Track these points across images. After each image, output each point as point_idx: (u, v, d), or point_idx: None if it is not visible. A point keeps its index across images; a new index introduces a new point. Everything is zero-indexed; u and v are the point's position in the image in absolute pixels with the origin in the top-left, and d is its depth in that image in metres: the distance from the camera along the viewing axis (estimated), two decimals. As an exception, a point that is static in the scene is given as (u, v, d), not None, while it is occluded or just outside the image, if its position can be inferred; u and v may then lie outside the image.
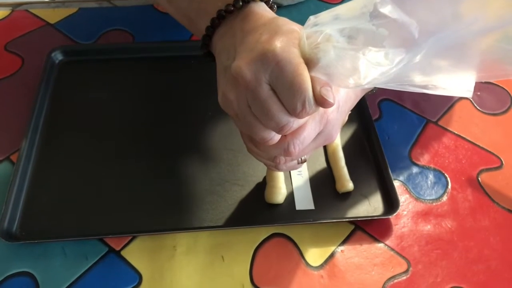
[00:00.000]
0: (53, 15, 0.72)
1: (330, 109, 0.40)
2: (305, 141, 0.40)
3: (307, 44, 0.36)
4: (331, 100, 0.35)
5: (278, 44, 0.36)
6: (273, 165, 0.45)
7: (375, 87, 0.49)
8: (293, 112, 0.36)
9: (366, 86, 0.35)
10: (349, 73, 0.35)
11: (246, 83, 0.37)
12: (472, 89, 0.36)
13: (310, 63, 0.36)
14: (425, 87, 0.36)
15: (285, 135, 0.40)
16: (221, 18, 0.43)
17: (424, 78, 0.36)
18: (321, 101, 0.35)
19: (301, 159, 0.46)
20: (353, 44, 0.35)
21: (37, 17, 0.72)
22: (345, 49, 0.34)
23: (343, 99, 0.42)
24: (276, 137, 0.39)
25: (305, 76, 0.35)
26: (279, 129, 0.37)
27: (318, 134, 0.41)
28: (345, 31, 0.35)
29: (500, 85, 0.65)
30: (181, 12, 0.51)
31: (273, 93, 0.36)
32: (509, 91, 0.64)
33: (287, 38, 0.36)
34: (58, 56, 0.65)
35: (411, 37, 0.34)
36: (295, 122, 0.37)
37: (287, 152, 0.40)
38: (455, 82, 0.36)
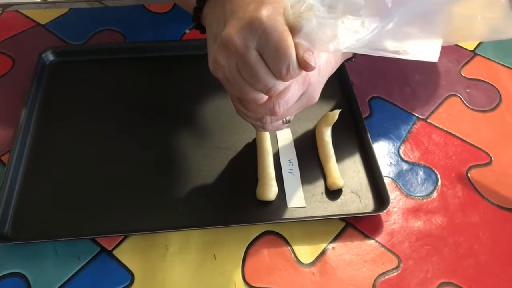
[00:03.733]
0: (44, 16, 0.72)
1: (311, 72, 0.43)
2: (289, 101, 0.44)
3: (291, 13, 0.39)
4: (313, 64, 0.39)
5: (265, 12, 0.38)
6: (260, 125, 0.49)
7: (353, 56, 0.53)
8: (279, 75, 0.39)
9: (344, 51, 0.39)
10: (329, 39, 0.38)
11: (236, 49, 0.39)
12: (438, 54, 0.39)
13: (293, 30, 0.39)
14: (396, 52, 0.39)
15: (270, 96, 0.43)
16: None
17: (395, 44, 0.39)
18: (304, 65, 0.39)
19: (286, 119, 0.50)
20: (333, 13, 0.38)
21: (28, 17, 0.72)
22: (326, 18, 0.38)
23: (323, 64, 0.46)
24: (265, 97, 0.43)
25: (289, 42, 0.38)
26: (266, 90, 0.41)
27: (301, 95, 0.45)
28: (326, 1, 0.38)
29: (489, 82, 0.65)
30: None
31: (260, 58, 0.39)
32: (498, 88, 0.64)
33: (273, 7, 0.39)
34: (49, 57, 0.65)
35: (385, 7, 0.38)
36: (281, 85, 0.41)
37: (272, 112, 0.44)
38: (423, 48, 0.40)
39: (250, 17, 0.39)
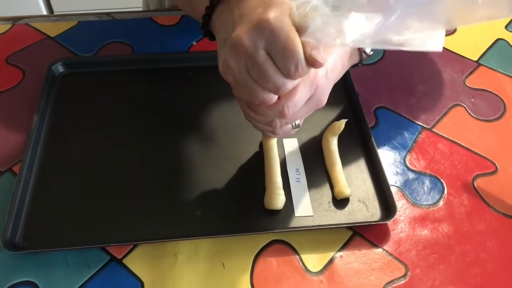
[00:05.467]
0: (53, 28, 0.73)
1: (319, 75, 0.45)
2: (297, 103, 0.45)
3: (296, 14, 0.40)
4: (320, 61, 0.40)
5: (272, 14, 0.40)
6: (269, 130, 0.50)
7: (359, 62, 0.55)
8: (288, 74, 0.40)
9: (351, 45, 0.40)
10: (335, 35, 0.39)
11: (245, 50, 0.41)
12: (442, 44, 0.40)
13: (300, 30, 0.40)
14: (401, 44, 0.40)
15: (279, 99, 0.44)
16: None
17: (399, 37, 0.40)
18: (312, 62, 0.40)
19: (295, 123, 0.50)
20: (337, 12, 0.40)
21: (37, 30, 0.73)
22: (330, 16, 0.39)
23: (330, 68, 0.47)
24: (274, 97, 0.44)
25: (297, 41, 0.39)
26: (276, 90, 0.42)
27: (310, 98, 0.46)
28: (330, 1, 0.40)
29: (494, 91, 0.66)
30: None
31: (269, 58, 0.41)
32: (502, 97, 0.65)
33: (280, 9, 0.41)
34: (58, 69, 0.66)
35: (387, 2, 0.39)
36: (290, 83, 0.42)
37: (282, 114, 0.45)
38: (427, 38, 0.41)
39: (258, 19, 0.40)
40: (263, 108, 0.46)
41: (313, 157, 0.57)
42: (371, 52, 0.54)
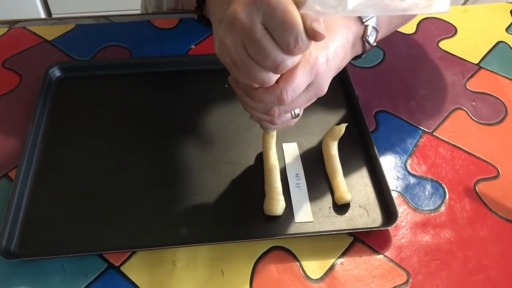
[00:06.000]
0: (50, 32, 0.72)
1: (319, 61, 0.43)
2: (296, 89, 0.43)
3: None
4: (322, 32, 0.38)
5: None
6: (268, 120, 0.48)
7: (362, 53, 0.52)
8: (287, 48, 0.38)
9: (352, 14, 0.39)
10: (335, 4, 0.37)
11: (241, 25, 0.39)
12: (449, 5, 0.39)
13: (298, 3, 0.38)
14: (405, 9, 0.38)
15: (277, 83, 0.42)
16: None
17: (403, 1, 0.38)
18: (312, 34, 0.38)
19: (294, 113, 0.48)
20: None
21: (34, 34, 0.72)
22: None
23: (332, 55, 0.45)
24: (274, 78, 0.42)
25: (295, 13, 0.38)
26: (275, 67, 0.40)
27: (310, 85, 0.44)
28: None
29: (495, 95, 0.65)
30: None
31: (267, 33, 0.39)
32: (503, 101, 0.64)
33: None
34: (55, 73, 0.65)
35: None
36: (290, 60, 0.40)
37: (280, 100, 0.43)
38: (431, 1, 0.39)
39: None
40: (261, 94, 0.44)
41: (313, 162, 0.56)
42: (375, 43, 0.52)
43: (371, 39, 0.51)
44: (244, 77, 0.43)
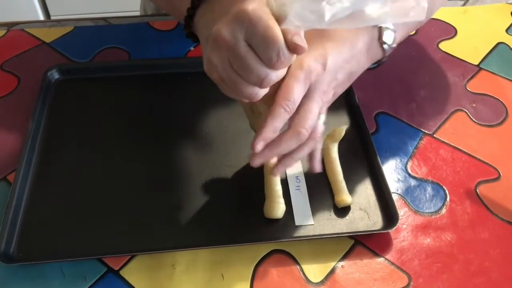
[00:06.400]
0: (49, 34, 0.72)
1: (312, 68, 0.44)
2: (295, 101, 0.44)
3: (275, 3, 0.40)
4: (302, 45, 0.39)
5: (250, 6, 0.40)
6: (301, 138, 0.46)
7: (383, 58, 0.52)
8: (270, 63, 0.40)
9: (331, 26, 0.40)
10: (314, 18, 0.39)
11: (225, 43, 0.40)
12: (425, 12, 0.40)
13: (279, 19, 0.40)
14: (382, 18, 0.40)
15: (275, 101, 0.44)
16: None
17: (380, 11, 0.40)
18: (293, 47, 0.39)
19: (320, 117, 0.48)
20: None
21: (33, 36, 0.72)
22: (308, 1, 0.39)
23: (332, 60, 0.46)
24: (261, 92, 0.43)
25: (276, 28, 0.39)
26: (260, 81, 0.41)
27: (311, 92, 0.45)
28: None
29: (495, 96, 0.65)
30: None
31: (250, 49, 0.40)
32: (504, 102, 0.64)
33: (258, 0, 0.40)
34: (54, 75, 0.65)
35: None
36: (274, 74, 0.41)
37: (284, 113, 0.44)
38: (408, 9, 0.41)
39: (237, 10, 0.40)
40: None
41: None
42: (395, 45, 0.51)
43: (389, 41, 0.51)
44: (232, 92, 0.44)
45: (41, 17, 1.76)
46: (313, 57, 0.45)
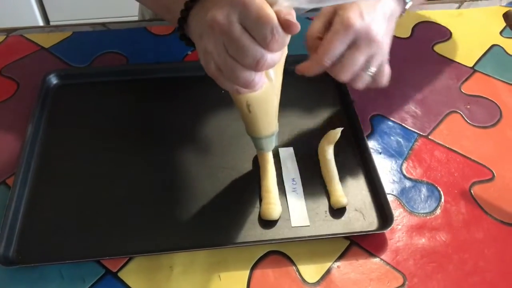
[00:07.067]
0: (48, 40, 0.73)
1: (351, 18, 0.48)
2: (334, 53, 0.49)
3: None
4: (295, 22, 0.40)
5: None
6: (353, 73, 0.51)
7: (404, 11, 0.56)
8: (264, 42, 0.40)
9: (318, 4, 0.44)
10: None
11: (220, 26, 0.41)
12: None
13: (271, 3, 0.41)
14: None
15: (316, 53, 0.49)
16: (194, 0, 0.49)
17: None
18: (287, 25, 0.40)
19: (370, 71, 0.52)
20: None
21: (32, 41, 0.73)
22: None
23: (365, 9, 0.49)
24: (257, 78, 0.43)
25: (269, 9, 0.40)
26: (256, 63, 0.41)
27: (359, 42, 0.49)
28: None
29: (489, 98, 0.66)
30: (158, 2, 0.59)
31: (245, 31, 0.41)
32: (498, 103, 0.65)
33: None
34: (53, 80, 0.66)
35: None
36: (269, 56, 0.42)
37: (320, 64, 0.49)
38: None
39: None
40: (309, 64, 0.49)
41: (309, 166, 0.57)
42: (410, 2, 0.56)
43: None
44: (229, 81, 0.44)
45: (41, 22, 1.77)
46: (351, 12, 0.48)
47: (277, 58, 0.43)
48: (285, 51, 0.46)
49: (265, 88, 0.47)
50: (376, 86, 0.54)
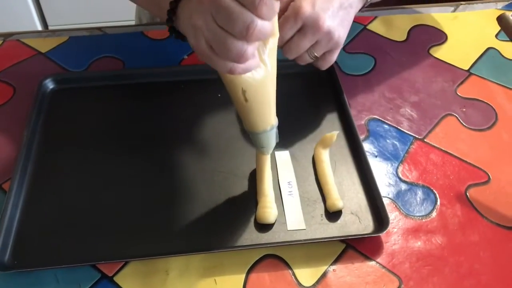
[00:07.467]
0: (44, 44, 0.73)
1: (303, 6, 0.53)
2: (284, 36, 0.55)
3: None
4: None
5: None
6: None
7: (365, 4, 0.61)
8: (253, 6, 0.40)
9: None
10: None
11: None
12: None
13: None
14: None
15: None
16: None
17: None
18: None
19: (310, 55, 0.58)
20: None
21: (28, 46, 0.73)
22: None
23: (320, 4, 0.54)
24: (250, 50, 0.43)
25: None
26: (246, 30, 0.41)
27: (304, 29, 0.55)
28: None
29: (485, 101, 0.66)
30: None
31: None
32: (493, 106, 0.65)
33: None
34: (49, 85, 0.66)
35: None
36: (259, 22, 0.41)
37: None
38: None
39: None
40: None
41: (305, 170, 0.57)
42: None
43: None
44: (221, 56, 0.43)
45: (39, 27, 1.77)
46: (304, 1, 0.53)
47: (268, 27, 0.42)
48: (276, 34, 0.46)
49: (260, 73, 0.46)
50: (317, 68, 0.61)
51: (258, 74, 0.46)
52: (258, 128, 0.51)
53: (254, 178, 0.55)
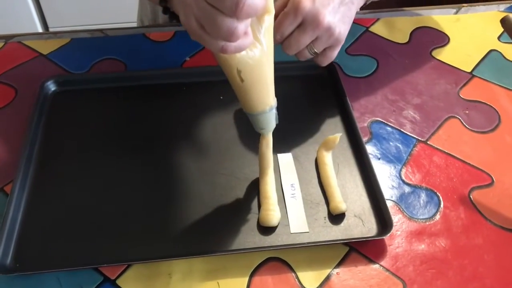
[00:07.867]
0: (46, 46, 0.73)
1: (303, 5, 0.52)
2: (284, 33, 0.54)
3: None
4: None
5: None
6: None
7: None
8: None
9: None
10: None
11: None
12: None
13: None
14: None
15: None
16: None
17: None
18: None
19: (310, 51, 0.57)
20: None
21: (30, 48, 0.73)
22: None
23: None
24: (241, 27, 0.41)
25: None
26: (235, 6, 0.39)
27: (304, 24, 0.54)
28: None
29: (488, 103, 0.66)
30: None
31: None
32: (496, 109, 0.65)
33: None
34: (51, 87, 0.66)
35: None
36: None
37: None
38: None
39: None
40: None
41: (308, 172, 0.56)
42: None
43: None
44: (212, 35, 0.42)
45: (40, 29, 1.77)
46: None
47: (258, 2, 0.40)
48: (271, 11, 0.45)
49: (256, 53, 0.45)
50: (317, 64, 0.60)
51: (253, 54, 0.44)
52: (256, 109, 0.49)
53: (256, 180, 0.55)
